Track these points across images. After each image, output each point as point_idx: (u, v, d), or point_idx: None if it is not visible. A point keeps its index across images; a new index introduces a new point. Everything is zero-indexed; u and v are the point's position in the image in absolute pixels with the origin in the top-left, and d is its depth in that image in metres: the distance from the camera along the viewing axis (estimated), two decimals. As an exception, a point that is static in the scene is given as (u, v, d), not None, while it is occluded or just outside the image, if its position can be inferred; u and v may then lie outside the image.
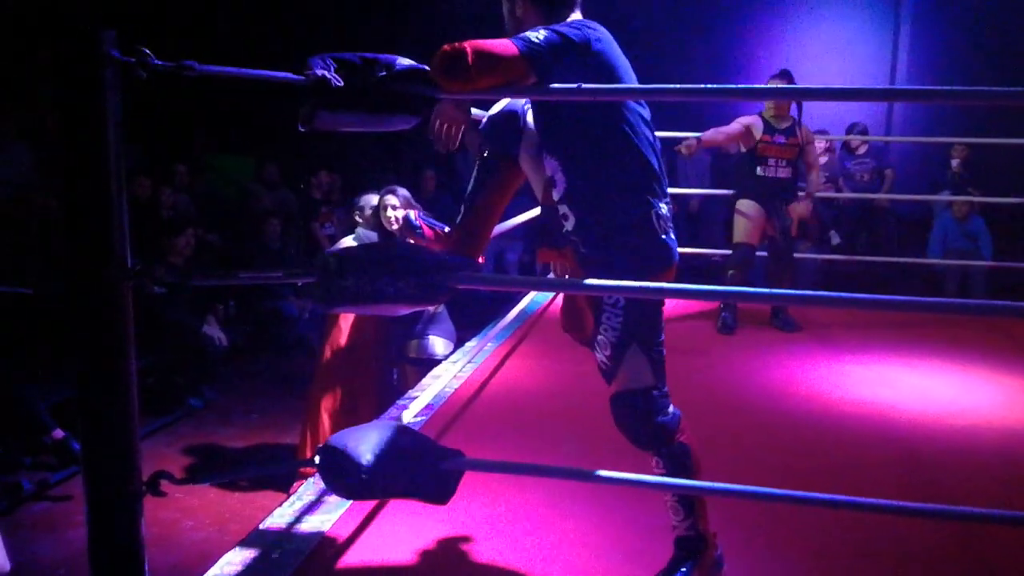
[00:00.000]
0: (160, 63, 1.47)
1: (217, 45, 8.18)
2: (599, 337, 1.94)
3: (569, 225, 1.95)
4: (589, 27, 1.85)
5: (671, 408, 1.95)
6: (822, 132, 7.34)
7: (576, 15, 1.97)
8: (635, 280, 1.78)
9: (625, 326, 1.90)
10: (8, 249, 5.39)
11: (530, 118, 2.06)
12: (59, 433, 4.51)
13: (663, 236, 1.91)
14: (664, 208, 1.93)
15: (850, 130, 7.08)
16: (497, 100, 2.14)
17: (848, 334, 4.69)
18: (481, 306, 5.50)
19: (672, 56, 7.83)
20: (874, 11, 8.19)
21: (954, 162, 7.04)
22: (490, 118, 2.14)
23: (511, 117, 2.09)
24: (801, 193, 4.87)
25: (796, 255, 6.59)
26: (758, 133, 4.69)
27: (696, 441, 1.99)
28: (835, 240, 7.20)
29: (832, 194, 7.07)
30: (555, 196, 1.96)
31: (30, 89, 6.88)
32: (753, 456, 2.92)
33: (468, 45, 1.67)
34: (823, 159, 7.33)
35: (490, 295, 5.56)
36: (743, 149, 4.80)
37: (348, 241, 4.17)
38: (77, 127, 1.46)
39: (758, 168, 4.71)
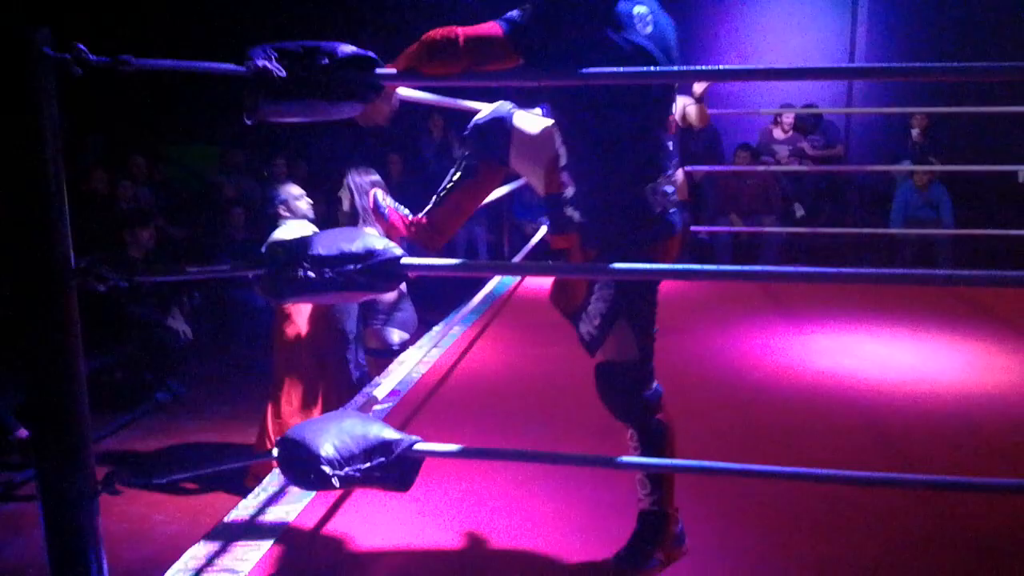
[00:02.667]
0: (96, 59, 1.45)
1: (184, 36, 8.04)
2: (589, 307, 1.97)
3: (568, 193, 1.96)
4: None
5: (655, 384, 2.00)
6: (788, 106, 7.42)
7: None
8: (629, 253, 1.82)
9: (616, 298, 1.93)
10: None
11: (516, 120, 2.10)
12: (23, 432, 4.46)
13: (658, 211, 1.90)
14: (664, 184, 1.91)
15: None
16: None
17: (811, 305, 4.76)
18: (455, 290, 5.52)
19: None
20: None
21: (914, 132, 7.13)
22: (476, 125, 2.16)
23: (497, 123, 2.12)
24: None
25: (763, 228, 6.72)
26: None
27: (675, 420, 2.03)
28: (799, 213, 7.28)
29: (794, 168, 7.15)
30: (560, 163, 1.95)
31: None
32: (717, 430, 2.96)
33: (460, 31, 1.71)
34: (788, 134, 7.41)
35: (458, 279, 5.55)
36: None
37: (285, 234, 4.09)
38: (11, 125, 1.43)
39: None
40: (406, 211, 2.33)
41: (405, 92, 2.35)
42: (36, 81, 1.42)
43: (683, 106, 4.96)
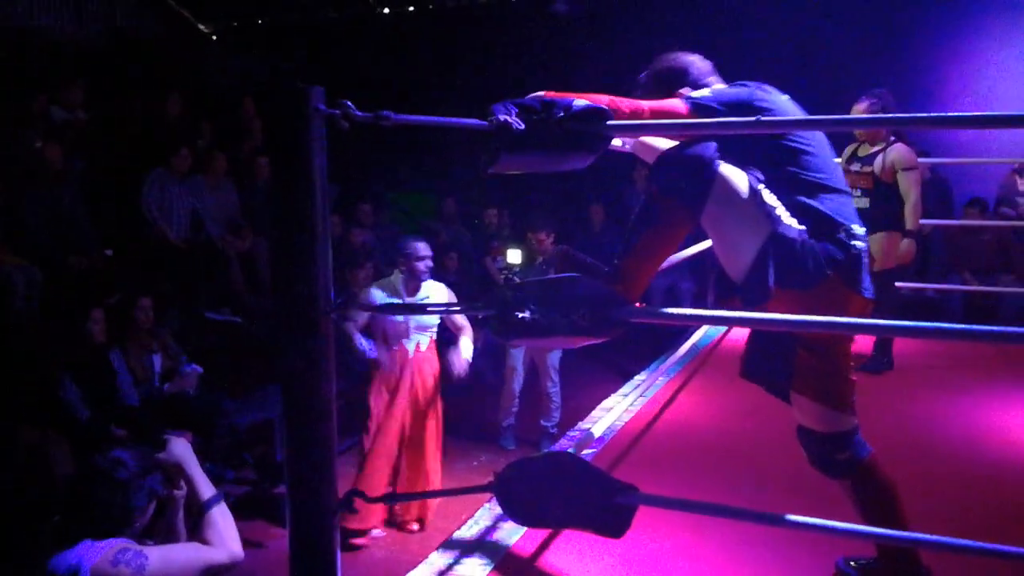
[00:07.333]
0: (360, 114, 1.62)
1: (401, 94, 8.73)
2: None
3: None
4: (751, 86, 2.00)
5: (854, 446, 1.99)
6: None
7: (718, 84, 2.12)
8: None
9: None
10: (218, 280, 5.98)
11: (724, 168, 1.92)
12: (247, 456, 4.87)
13: (842, 257, 1.92)
14: (852, 236, 1.94)
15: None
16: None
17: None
18: (651, 340, 5.48)
19: (857, 80, 7.52)
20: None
21: None
22: (673, 160, 1.98)
23: (701, 165, 1.92)
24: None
25: (994, 288, 6.12)
26: (840, 160, 4.24)
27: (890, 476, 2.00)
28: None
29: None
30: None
31: (238, 135, 7.63)
32: (946, 503, 2.71)
33: (646, 106, 1.87)
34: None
35: (661, 328, 5.50)
36: None
37: (379, 294, 4.16)
38: (288, 174, 1.62)
39: None
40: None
41: (615, 142, 2.30)
42: (310, 133, 1.60)
43: (892, 163, 4.24)
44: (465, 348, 4.32)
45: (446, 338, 4.45)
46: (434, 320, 4.22)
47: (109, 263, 5.68)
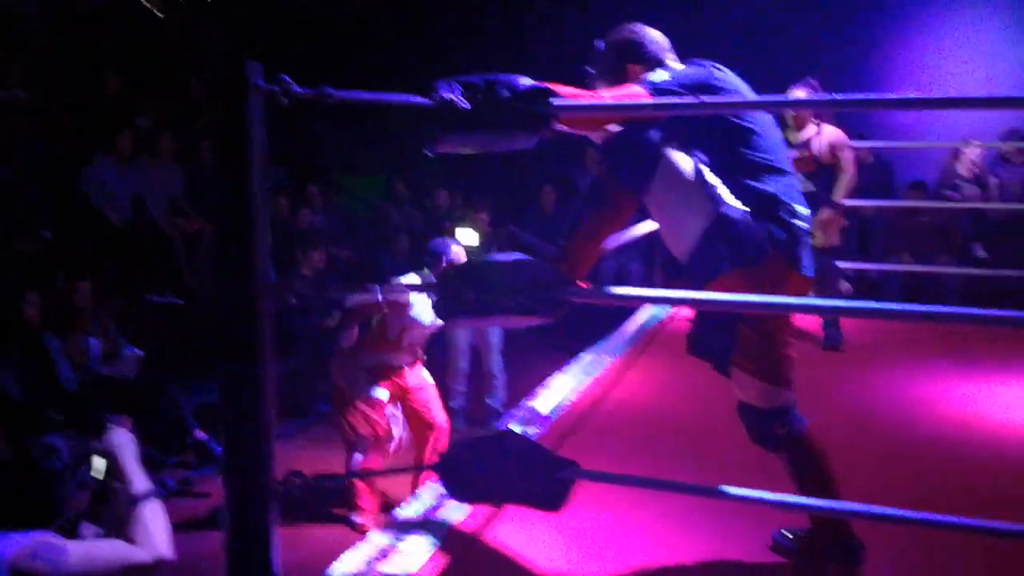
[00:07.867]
0: (301, 90, 1.59)
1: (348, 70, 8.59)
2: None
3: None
4: (707, 65, 2.03)
5: (791, 420, 2.03)
6: (965, 140, 6.96)
7: (673, 63, 2.13)
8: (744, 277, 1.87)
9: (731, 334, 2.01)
10: (160, 263, 5.85)
11: (669, 151, 1.97)
12: (200, 434, 4.82)
13: (784, 237, 1.96)
14: (795, 216, 1.98)
15: (1008, 136, 6.70)
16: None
17: (994, 354, 4.39)
18: (600, 320, 5.53)
19: (803, 68, 7.64)
20: (1020, 13, 7.70)
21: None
22: (619, 143, 2.04)
23: (645, 147, 1.98)
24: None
25: (937, 268, 6.30)
26: None
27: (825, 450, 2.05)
28: (979, 253, 6.78)
29: (977, 204, 6.69)
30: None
31: (186, 116, 7.45)
32: (880, 477, 2.80)
33: (608, 96, 1.92)
34: (971, 171, 6.97)
35: (609, 309, 5.55)
36: None
37: (413, 278, 4.18)
38: (227, 151, 1.59)
39: None
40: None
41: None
42: (248, 109, 1.57)
43: (830, 144, 4.47)
44: None
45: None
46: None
47: (48, 245, 5.52)
